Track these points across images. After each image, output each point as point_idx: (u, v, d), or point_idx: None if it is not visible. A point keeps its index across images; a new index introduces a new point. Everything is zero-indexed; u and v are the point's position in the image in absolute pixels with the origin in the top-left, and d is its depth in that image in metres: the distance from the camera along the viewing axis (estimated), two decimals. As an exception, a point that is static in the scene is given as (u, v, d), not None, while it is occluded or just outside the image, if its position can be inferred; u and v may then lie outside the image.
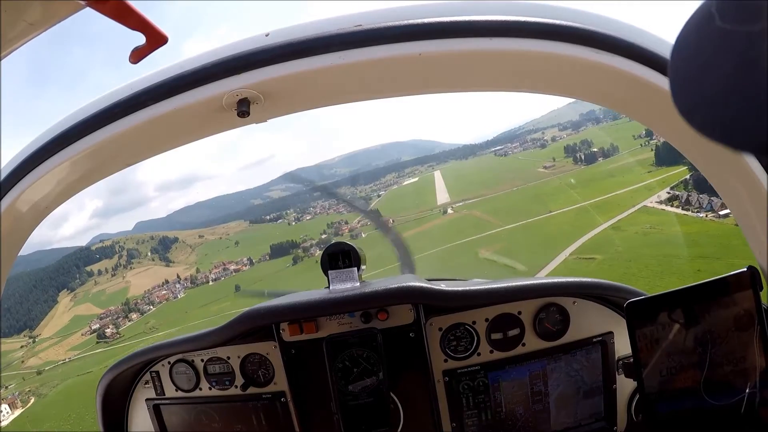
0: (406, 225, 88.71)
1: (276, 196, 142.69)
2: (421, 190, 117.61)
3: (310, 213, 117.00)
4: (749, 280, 1.56)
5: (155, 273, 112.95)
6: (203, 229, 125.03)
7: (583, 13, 1.19)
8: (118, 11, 0.87)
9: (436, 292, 2.10)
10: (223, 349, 2.31)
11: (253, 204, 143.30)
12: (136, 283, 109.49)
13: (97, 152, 1.31)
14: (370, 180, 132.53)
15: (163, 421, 2.46)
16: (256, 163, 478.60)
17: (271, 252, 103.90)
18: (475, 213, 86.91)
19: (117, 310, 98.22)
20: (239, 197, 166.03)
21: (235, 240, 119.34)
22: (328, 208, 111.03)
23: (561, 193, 78.57)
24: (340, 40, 1.15)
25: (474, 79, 1.35)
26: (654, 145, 77.35)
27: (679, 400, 1.67)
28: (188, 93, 1.21)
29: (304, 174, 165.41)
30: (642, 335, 1.67)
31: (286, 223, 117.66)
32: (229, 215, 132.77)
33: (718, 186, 1.47)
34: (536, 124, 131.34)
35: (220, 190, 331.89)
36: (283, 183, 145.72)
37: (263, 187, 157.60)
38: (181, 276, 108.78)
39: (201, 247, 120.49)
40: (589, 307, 2.22)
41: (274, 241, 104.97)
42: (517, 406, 2.24)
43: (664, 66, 1.20)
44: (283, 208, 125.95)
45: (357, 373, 2.10)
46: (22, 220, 1.44)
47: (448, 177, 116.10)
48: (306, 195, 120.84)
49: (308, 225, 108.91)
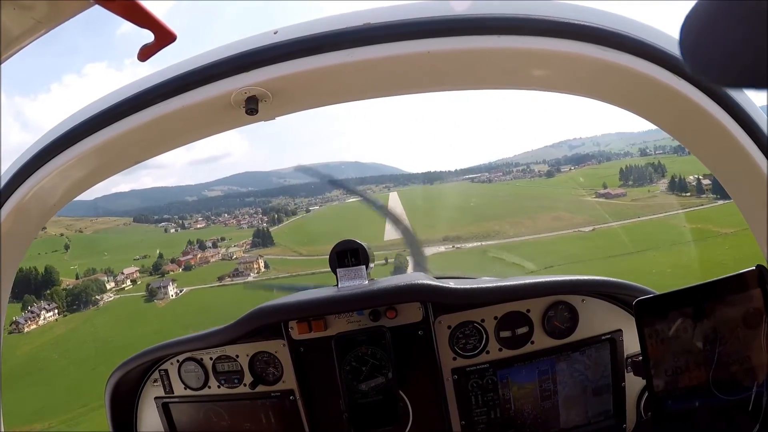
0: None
1: (212, 195, 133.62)
2: (364, 211, 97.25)
3: (215, 220, 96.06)
4: (758, 278, 1.56)
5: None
6: (81, 219, 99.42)
7: (592, 10, 1.18)
8: (126, 9, 0.87)
9: (444, 290, 2.09)
10: (232, 347, 2.31)
11: (185, 200, 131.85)
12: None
13: (105, 149, 1.32)
14: (312, 193, 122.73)
15: (172, 419, 2.46)
16: (207, 159, 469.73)
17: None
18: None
19: None
20: (178, 191, 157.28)
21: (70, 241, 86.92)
22: (235, 219, 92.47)
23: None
24: (348, 38, 1.15)
25: (482, 77, 1.34)
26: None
27: (688, 398, 1.66)
28: (197, 90, 1.21)
29: (250, 178, 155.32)
30: (651, 333, 1.66)
31: (174, 228, 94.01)
32: (148, 208, 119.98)
33: (726, 184, 1.46)
34: (508, 160, 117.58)
35: (168, 182, 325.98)
36: (226, 185, 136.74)
37: (205, 185, 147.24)
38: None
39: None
40: (598, 305, 2.21)
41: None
42: (526, 404, 2.23)
43: (674, 64, 1.20)
44: (197, 210, 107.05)
45: (366, 371, 2.10)
46: (30, 217, 1.44)
47: (412, 198, 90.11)
48: (237, 199, 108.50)
49: (178, 238, 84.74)
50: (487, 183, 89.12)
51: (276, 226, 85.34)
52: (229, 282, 61.59)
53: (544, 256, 46.69)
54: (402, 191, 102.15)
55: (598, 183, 74.08)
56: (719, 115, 1.26)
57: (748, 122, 1.27)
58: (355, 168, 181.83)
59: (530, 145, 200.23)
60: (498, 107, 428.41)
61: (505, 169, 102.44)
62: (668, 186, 60.90)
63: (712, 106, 1.25)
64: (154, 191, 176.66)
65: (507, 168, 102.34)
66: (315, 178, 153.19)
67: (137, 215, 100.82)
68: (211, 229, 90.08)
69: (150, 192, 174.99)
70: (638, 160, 75.40)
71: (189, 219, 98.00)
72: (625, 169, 74.82)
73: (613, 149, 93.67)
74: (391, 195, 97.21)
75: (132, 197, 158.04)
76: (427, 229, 48.09)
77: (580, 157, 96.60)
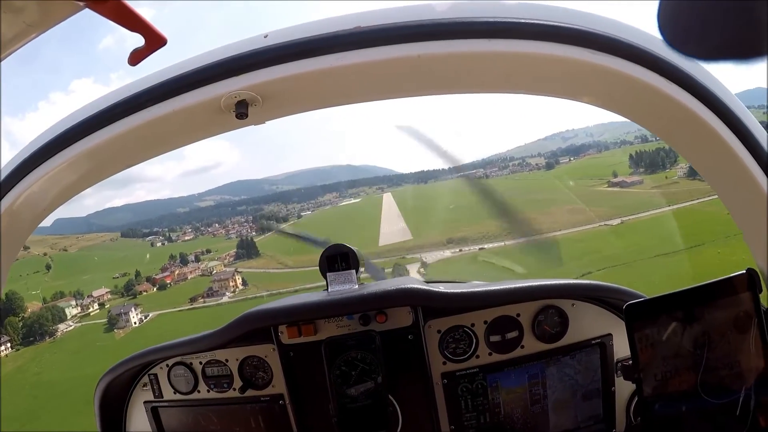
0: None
1: (203, 205, 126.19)
2: (358, 215, 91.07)
3: (204, 231, 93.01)
4: (748, 282, 1.58)
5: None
6: (66, 237, 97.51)
7: (581, 13, 1.19)
8: (117, 12, 0.87)
9: (434, 294, 2.09)
10: (222, 351, 2.30)
11: (177, 212, 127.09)
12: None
13: (95, 154, 1.31)
14: (304, 198, 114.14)
15: (162, 423, 2.45)
16: (198, 170, 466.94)
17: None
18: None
19: None
20: (171, 203, 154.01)
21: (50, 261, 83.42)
22: (224, 228, 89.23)
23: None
24: (338, 42, 1.15)
25: (473, 81, 1.35)
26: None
27: (677, 402, 1.67)
28: (187, 94, 1.20)
29: (242, 186, 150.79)
30: (641, 337, 1.67)
31: (161, 241, 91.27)
32: (139, 222, 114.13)
33: (717, 188, 1.48)
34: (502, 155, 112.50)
35: (161, 194, 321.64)
36: (219, 194, 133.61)
37: (196, 197, 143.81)
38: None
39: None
40: (588, 309, 2.22)
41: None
42: (516, 409, 2.23)
43: (663, 68, 1.21)
44: (188, 221, 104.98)
45: (355, 375, 2.10)
46: (21, 221, 1.43)
47: (406, 199, 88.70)
48: (228, 209, 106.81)
49: (163, 252, 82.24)
50: (484, 179, 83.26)
51: (263, 235, 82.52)
52: (200, 304, 58.12)
53: (578, 258, 41.55)
54: (396, 192, 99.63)
55: (607, 172, 71.84)
56: (711, 120, 1.28)
57: (740, 128, 1.29)
58: (348, 171, 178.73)
59: (522, 140, 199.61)
60: (487, 103, 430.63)
61: (501, 164, 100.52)
62: (688, 171, 54.38)
63: (703, 111, 1.27)
64: (147, 204, 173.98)
65: (503, 163, 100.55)
66: (306, 183, 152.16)
67: (125, 230, 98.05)
68: (198, 241, 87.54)
69: (143, 205, 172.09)
70: (647, 145, 71.37)
71: (178, 231, 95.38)
72: (634, 155, 72.16)
73: (608, 138, 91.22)
74: (384, 196, 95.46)
75: (125, 211, 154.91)
76: (427, 230, 43.72)
77: (577, 147, 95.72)
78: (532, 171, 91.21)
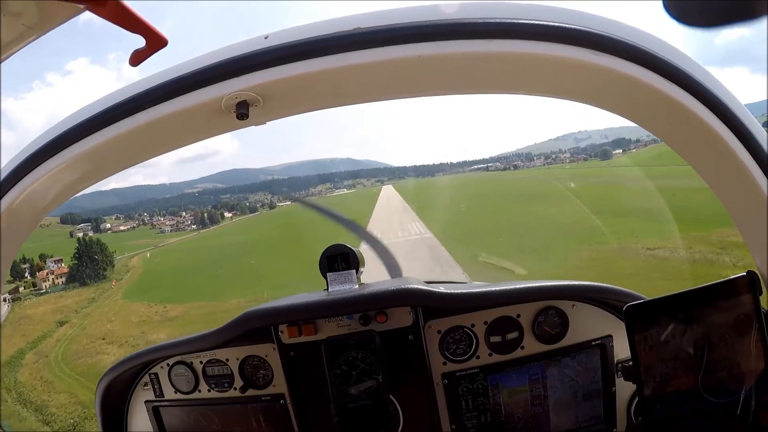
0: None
1: (189, 192, 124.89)
2: (346, 205, 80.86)
3: (144, 221, 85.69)
4: (748, 284, 1.58)
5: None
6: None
7: (582, 14, 1.18)
8: (117, 14, 0.87)
9: (434, 294, 2.09)
10: (222, 351, 2.30)
11: (163, 198, 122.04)
12: None
13: (96, 154, 1.31)
14: (296, 188, 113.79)
15: (163, 422, 2.46)
16: (195, 157, 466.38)
17: None
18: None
19: None
20: (160, 189, 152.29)
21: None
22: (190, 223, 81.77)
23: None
24: (339, 43, 1.15)
25: (473, 82, 1.34)
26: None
27: (678, 403, 1.67)
28: (187, 95, 1.21)
29: (237, 175, 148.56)
30: (641, 338, 1.66)
31: (90, 232, 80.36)
32: (126, 206, 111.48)
33: (716, 189, 1.47)
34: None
35: (158, 180, 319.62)
36: (210, 182, 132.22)
37: (187, 183, 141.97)
38: None
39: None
40: (588, 310, 2.22)
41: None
42: (517, 409, 2.23)
43: (663, 68, 1.21)
44: (167, 208, 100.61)
45: (356, 375, 2.10)
46: (21, 221, 1.44)
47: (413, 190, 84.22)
48: (211, 197, 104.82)
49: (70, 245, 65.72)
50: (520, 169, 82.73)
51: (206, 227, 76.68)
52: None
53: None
54: (398, 185, 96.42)
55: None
56: (711, 121, 1.27)
57: (740, 129, 1.29)
58: (347, 164, 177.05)
59: (533, 139, 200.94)
60: (496, 102, 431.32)
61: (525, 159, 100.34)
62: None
63: (704, 112, 1.26)
64: (136, 189, 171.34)
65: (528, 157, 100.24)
66: (304, 174, 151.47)
67: (64, 215, 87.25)
68: (136, 232, 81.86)
69: (131, 191, 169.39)
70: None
71: (115, 220, 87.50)
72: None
73: (640, 135, 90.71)
74: (384, 188, 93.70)
75: (111, 195, 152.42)
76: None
77: (618, 141, 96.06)
78: (588, 159, 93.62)
